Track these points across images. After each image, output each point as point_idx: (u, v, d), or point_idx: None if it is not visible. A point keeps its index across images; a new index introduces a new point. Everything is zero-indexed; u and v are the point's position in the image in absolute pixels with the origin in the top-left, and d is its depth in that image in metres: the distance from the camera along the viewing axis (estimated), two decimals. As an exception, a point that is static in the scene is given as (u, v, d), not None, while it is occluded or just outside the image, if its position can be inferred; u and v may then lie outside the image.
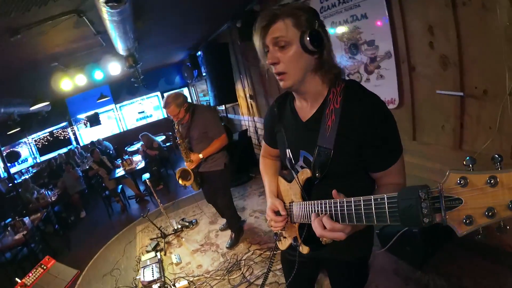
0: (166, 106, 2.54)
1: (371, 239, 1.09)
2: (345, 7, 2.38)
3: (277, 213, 1.03)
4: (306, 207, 0.91)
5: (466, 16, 1.70)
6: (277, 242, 1.16)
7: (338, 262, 1.11)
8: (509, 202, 0.46)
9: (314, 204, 0.86)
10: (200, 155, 2.57)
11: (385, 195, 0.63)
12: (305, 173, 0.93)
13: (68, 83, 3.80)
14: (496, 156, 0.48)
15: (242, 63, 4.67)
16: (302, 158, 0.97)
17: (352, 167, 0.90)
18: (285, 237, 1.10)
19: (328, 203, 0.80)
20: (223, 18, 4.21)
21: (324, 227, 0.78)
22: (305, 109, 0.96)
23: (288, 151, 1.01)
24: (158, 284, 2.57)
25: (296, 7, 0.84)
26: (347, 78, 2.77)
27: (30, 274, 2.16)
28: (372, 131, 0.82)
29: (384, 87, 2.31)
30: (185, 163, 2.68)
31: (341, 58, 2.60)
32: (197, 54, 5.95)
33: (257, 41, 0.88)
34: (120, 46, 3.18)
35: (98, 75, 3.96)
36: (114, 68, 3.93)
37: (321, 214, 0.82)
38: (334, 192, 0.78)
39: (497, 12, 1.56)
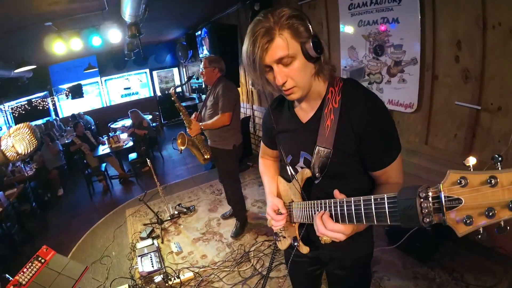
0: (204, 58, 2.68)
1: (371, 237, 1.10)
2: (376, 8, 2.39)
3: (277, 211, 1.03)
4: (306, 207, 0.91)
5: (494, 38, 1.83)
6: (276, 242, 1.16)
7: (340, 261, 1.09)
8: (509, 202, 0.45)
9: (314, 204, 0.87)
10: (201, 126, 2.57)
11: (385, 195, 0.63)
12: (304, 173, 0.94)
13: (61, 46, 3.42)
14: (496, 156, 0.48)
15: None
16: (302, 159, 0.97)
17: (352, 166, 0.91)
18: (284, 237, 1.11)
19: (328, 203, 0.80)
20: (234, -1, 4.06)
21: (325, 226, 0.78)
22: (305, 110, 0.96)
23: (288, 152, 1.02)
24: (161, 276, 2.42)
25: (290, 16, 0.78)
26: (366, 77, 2.80)
27: (25, 270, 1.78)
28: (370, 129, 0.83)
29: (405, 91, 2.39)
30: (187, 129, 2.70)
31: (364, 57, 2.64)
32: (196, 34, 5.68)
33: (253, 60, 0.80)
34: (128, 11, 2.95)
35: (96, 41, 3.61)
36: (115, 35, 3.60)
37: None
38: (336, 191, 0.79)
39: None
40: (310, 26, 0.81)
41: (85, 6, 3.04)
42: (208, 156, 2.81)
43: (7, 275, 1.82)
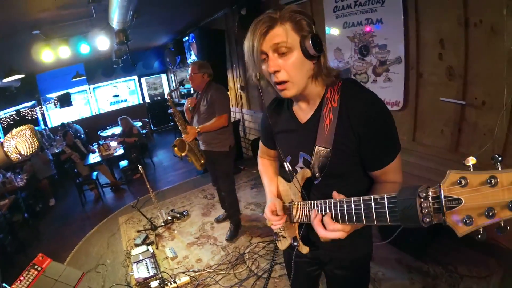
0: (192, 64, 2.67)
1: (370, 237, 1.10)
2: (361, 10, 2.45)
3: (275, 212, 1.03)
4: (306, 207, 0.91)
5: (476, 35, 1.89)
6: (276, 242, 1.16)
7: (339, 261, 1.09)
8: (509, 202, 0.45)
9: (314, 204, 0.86)
10: (198, 129, 2.58)
11: (385, 195, 0.63)
12: (304, 173, 0.93)
13: (49, 54, 3.39)
14: (496, 156, 0.48)
15: (236, 52, 4.58)
16: (301, 159, 0.97)
17: (351, 166, 0.90)
18: (284, 237, 1.10)
19: (328, 203, 0.79)
20: (221, 4, 4.10)
21: (325, 228, 0.78)
22: (304, 110, 0.95)
23: (287, 153, 1.01)
24: (158, 281, 2.42)
25: (293, 10, 0.81)
26: (353, 77, 2.85)
27: (22, 278, 1.77)
28: (369, 128, 0.82)
29: (391, 89, 2.44)
30: (182, 135, 2.69)
31: (350, 58, 2.69)
32: (184, 39, 5.69)
33: (252, 47, 0.81)
34: (115, 18, 2.95)
35: (84, 49, 3.61)
36: (103, 42, 3.59)
37: (321, 213, 0.82)
38: (334, 193, 0.79)
39: (503, 36, 1.75)
40: (313, 25, 0.82)
41: (72, 12, 3.04)
42: (203, 161, 2.81)
43: (4, 284, 1.81)
